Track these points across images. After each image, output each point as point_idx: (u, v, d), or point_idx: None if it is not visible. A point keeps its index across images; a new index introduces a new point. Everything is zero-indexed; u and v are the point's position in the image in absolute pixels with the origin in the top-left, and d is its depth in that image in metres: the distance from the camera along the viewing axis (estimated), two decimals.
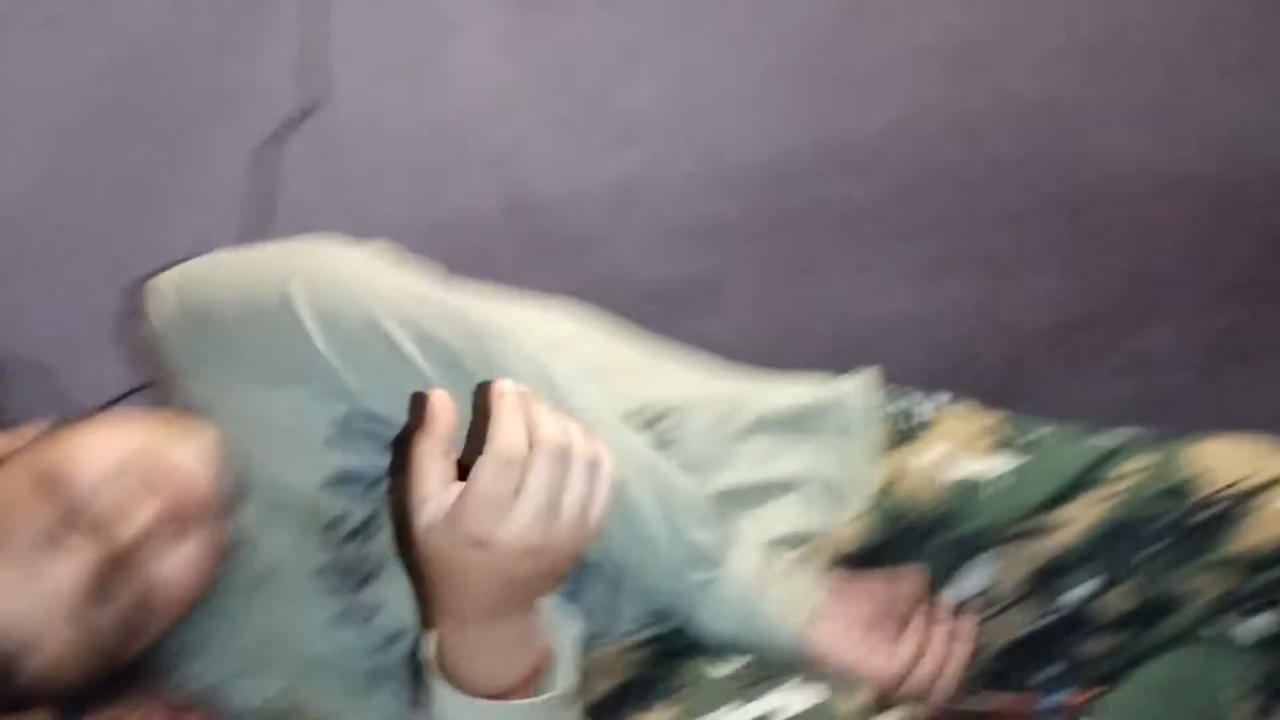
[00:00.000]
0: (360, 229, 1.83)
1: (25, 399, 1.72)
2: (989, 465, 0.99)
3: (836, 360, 2.05)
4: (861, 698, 0.80)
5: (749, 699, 0.81)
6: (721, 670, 0.85)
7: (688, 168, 1.83)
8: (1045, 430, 1.03)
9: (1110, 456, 0.97)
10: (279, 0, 1.65)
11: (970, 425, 1.07)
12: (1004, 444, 1.02)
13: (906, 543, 0.97)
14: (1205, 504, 0.89)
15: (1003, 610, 0.93)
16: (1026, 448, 1.01)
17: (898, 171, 1.88)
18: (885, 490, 1.03)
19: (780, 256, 1.90)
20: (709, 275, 1.88)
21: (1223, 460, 0.95)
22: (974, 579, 0.93)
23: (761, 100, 1.82)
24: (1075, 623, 0.91)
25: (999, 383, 2.03)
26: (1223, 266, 2.00)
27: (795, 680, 0.81)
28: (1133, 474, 0.93)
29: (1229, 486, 0.90)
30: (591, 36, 1.75)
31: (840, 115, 1.85)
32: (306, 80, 1.68)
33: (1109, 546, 0.90)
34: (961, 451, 1.02)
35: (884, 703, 0.83)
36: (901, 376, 2.02)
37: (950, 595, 0.93)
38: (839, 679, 0.82)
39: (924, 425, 1.09)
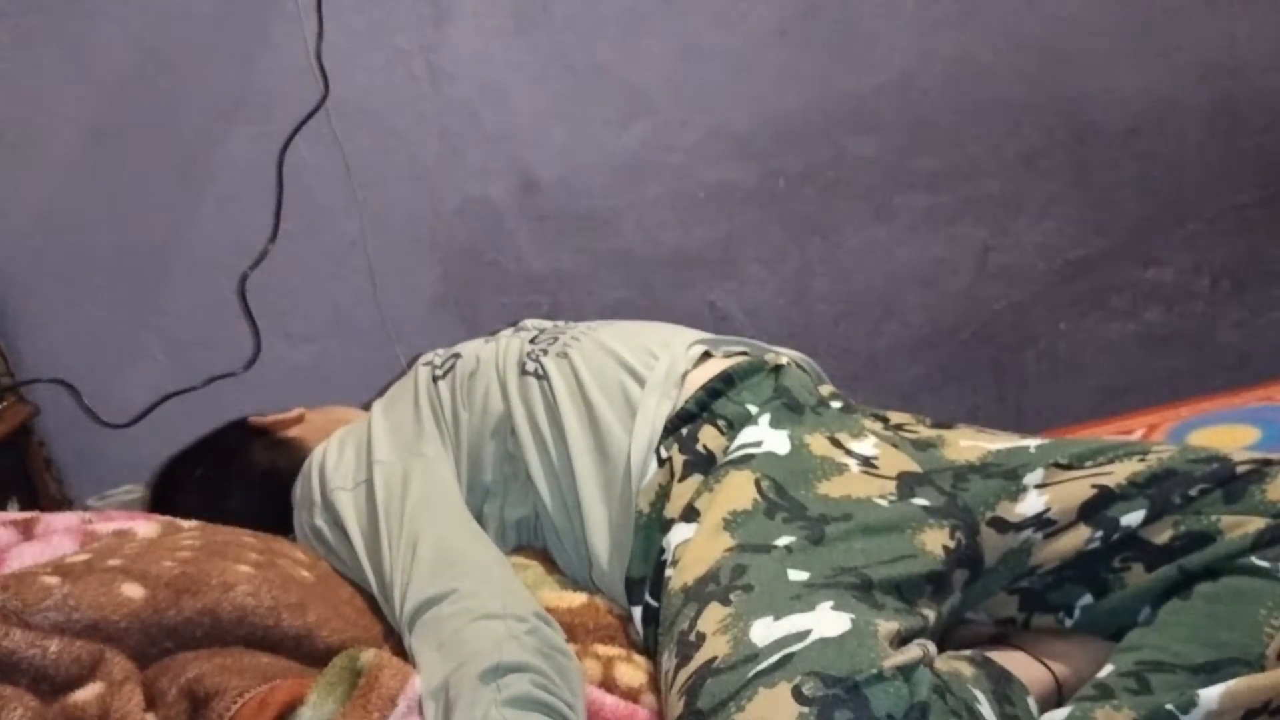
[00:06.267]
0: (378, 218, 1.88)
1: (50, 419, 1.76)
2: (1027, 442, 1.09)
3: (849, 318, 2.08)
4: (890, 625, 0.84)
5: (787, 612, 0.85)
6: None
7: (694, 136, 1.85)
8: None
9: (1128, 444, 1.06)
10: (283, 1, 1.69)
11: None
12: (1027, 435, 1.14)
13: (961, 474, 1.06)
14: (1236, 464, 0.98)
15: (1057, 532, 1.00)
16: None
17: (902, 123, 1.90)
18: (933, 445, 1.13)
19: (789, 218, 1.92)
20: (721, 241, 1.91)
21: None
22: (1029, 505, 1.01)
23: (764, 63, 1.84)
24: (1125, 545, 0.98)
25: (1008, 326, 2.07)
26: (1225, 195, 2.01)
27: (829, 604, 0.85)
28: (1165, 450, 1.02)
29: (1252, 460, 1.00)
30: (589, 13, 1.78)
31: (843, 71, 1.86)
32: (314, 77, 1.71)
33: (1155, 485, 0.98)
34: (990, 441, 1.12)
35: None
36: (913, 327, 2.06)
37: (1011, 518, 1.02)
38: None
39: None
